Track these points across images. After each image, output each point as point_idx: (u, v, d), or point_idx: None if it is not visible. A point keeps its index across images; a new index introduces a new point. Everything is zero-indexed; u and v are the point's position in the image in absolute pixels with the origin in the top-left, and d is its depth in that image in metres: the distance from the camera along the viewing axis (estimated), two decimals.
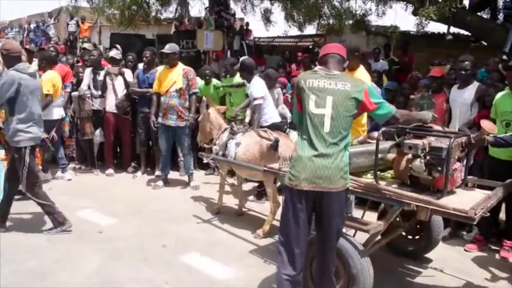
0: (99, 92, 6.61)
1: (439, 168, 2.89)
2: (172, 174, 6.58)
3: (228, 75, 6.49)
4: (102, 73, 6.56)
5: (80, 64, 7.88)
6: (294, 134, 5.21)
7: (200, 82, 6.66)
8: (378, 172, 3.15)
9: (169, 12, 11.33)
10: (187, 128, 6.01)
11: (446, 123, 4.95)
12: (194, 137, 6.05)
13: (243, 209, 5.26)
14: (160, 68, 6.16)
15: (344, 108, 2.67)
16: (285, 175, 2.87)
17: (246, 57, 6.00)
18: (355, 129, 4.02)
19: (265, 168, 3.78)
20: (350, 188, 3.17)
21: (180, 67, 5.95)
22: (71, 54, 11.48)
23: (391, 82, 6.83)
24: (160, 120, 6.02)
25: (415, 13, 8.41)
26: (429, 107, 5.02)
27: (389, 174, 3.35)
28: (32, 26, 18.44)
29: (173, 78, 5.87)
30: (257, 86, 5.41)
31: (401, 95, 6.05)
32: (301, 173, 2.66)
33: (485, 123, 3.27)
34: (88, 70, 6.68)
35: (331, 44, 3.04)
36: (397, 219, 3.72)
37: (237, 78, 6.25)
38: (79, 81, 6.82)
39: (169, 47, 5.91)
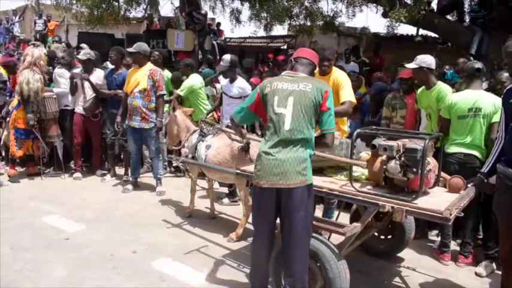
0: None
1: (414, 170, 2.89)
2: (145, 178, 6.45)
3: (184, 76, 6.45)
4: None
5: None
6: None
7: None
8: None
9: (139, 11, 11.13)
10: (154, 130, 5.84)
11: (418, 124, 4.97)
12: None
13: (215, 212, 5.17)
14: (131, 69, 6.01)
15: (305, 109, 2.77)
16: None
17: (231, 55, 5.96)
18: (340, 129, 4.04)
19: (238, 171, 3.70)
20: (326, 190, 3.18)
21: (147, 67, 5.78)
22: None
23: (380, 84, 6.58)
24: (126, 121, 5.87)
25: (385, 15, 8.51)
26: (401, 107, 5.04)
27: (363, 175, 3.34)
28: None
29: (137, 79, 5.70)
30: (246, 84, 5.57)
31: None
32: (261, 171, 2.81)
33: (452, 183, 3.27)
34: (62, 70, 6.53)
35: (303, 49, 3.23)
36: (370, 219, 3.70)
37: (191, 79, 6.20)
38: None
39: (135, 46, 5.77)
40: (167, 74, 6.78)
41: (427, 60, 4.32)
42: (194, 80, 6.17)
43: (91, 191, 6.00)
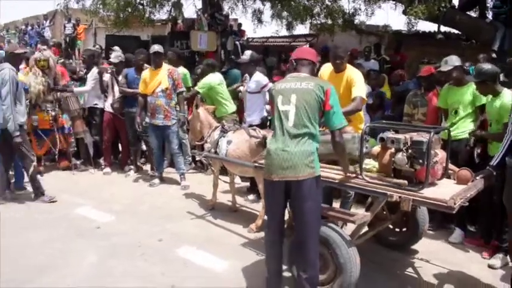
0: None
1: (420, 161, 3.04)
2: (170, 174, 6.73)
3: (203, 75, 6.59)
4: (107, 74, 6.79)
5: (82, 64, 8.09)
6: None
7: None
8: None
9: (163, 13, 11.44)
10: (176, 126, 6.14)
11: (440, 122, 4.93)
12: None
13: (237, 205, 5.39)
14: (146, 71, 6.23)
15: (307, 104, 2.95)
16: None
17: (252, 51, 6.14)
18: (355, 126, 4.13)
19: (256, 164, 3.91)
20: (338, 181, 3.36)
21: (165, 67, 6.11)
22: (68, 56, 11.58)
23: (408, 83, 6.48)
24: (148, 120, 6.17)
25: (405, 12, 8.55)
26: (422, 105, 5.09)
27: (375, 168, 3.49)
28: (28, 28, 18.49)
29: (158, 79, 6.02)
30: (262, 76, 5.74)
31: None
32: (271, 165, 2.99)
33: (460, 175, 3.38)
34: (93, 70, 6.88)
35: (302, 49, 3.45)
36: (384, 212, 3.86)
37: (209, 76, 6.30)
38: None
39: (159, 48, 6.07)
40: (183, 71, 7.03)
41: (456, 58, 4.51)
42: (212, 78, 6.29)
43: (120, 185, 6.31)
